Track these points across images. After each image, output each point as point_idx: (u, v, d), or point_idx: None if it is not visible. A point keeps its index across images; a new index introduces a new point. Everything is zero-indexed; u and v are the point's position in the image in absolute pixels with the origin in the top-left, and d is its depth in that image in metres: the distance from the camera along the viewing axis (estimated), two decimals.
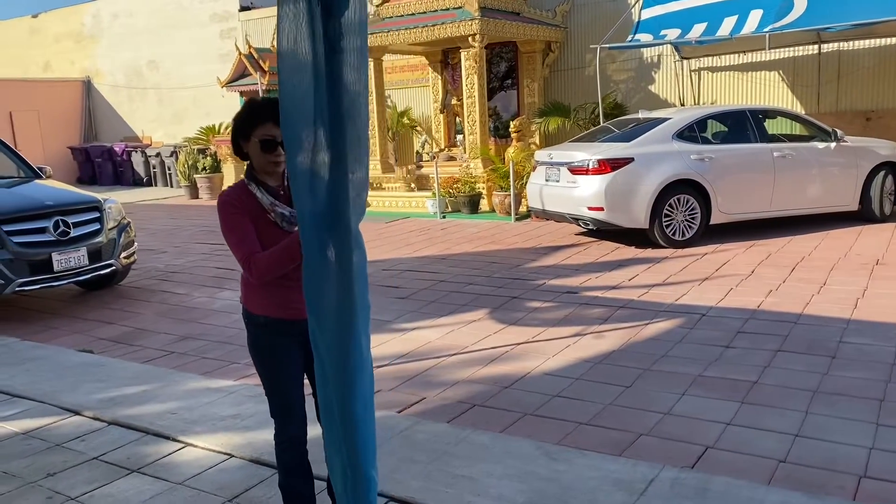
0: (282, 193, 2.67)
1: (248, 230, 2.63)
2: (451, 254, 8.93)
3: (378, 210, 12.97)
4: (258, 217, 2.66)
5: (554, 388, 4.61)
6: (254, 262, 2.58)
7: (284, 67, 2.26)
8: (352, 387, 2.42)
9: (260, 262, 2.57)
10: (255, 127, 2.64)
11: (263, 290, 2.73)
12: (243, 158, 2.72)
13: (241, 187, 2.70)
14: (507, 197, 11.35)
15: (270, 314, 2.72)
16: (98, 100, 21.91)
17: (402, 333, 5.90)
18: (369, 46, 12.98)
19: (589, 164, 8.48)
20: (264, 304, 2.74)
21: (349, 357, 2.41)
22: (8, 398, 4.86)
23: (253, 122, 2.64)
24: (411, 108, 15.61)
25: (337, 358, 2.41)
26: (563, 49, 13.88)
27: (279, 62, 2.28)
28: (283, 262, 2.56)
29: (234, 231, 2.64)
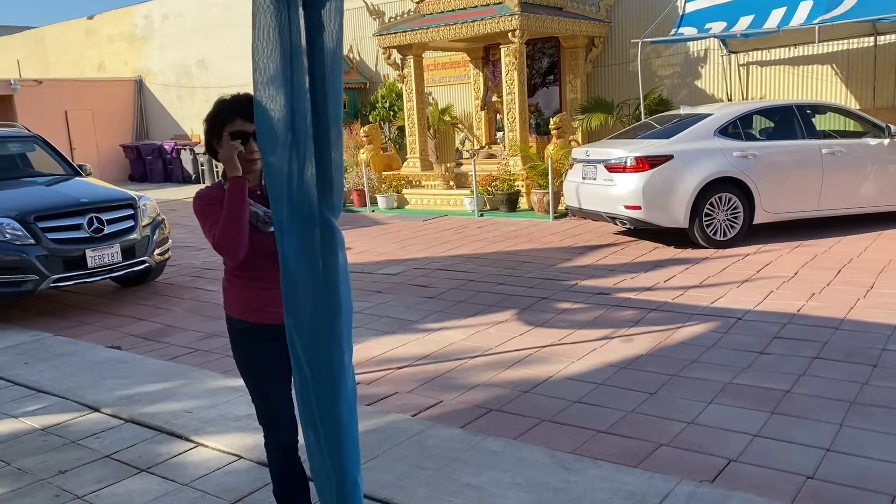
0: (258, 193, 2.60)
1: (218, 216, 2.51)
2: (484, 253, 8.80)
3: (416, 208, 12.92)
4: None
5: (575, 394, 4.45)
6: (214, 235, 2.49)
7: (259, 58, 2.19)
8: (335, 391, 2.34)
9: (219, 233, 2.47)
10: (224, 124, 2.56)
11: (242, 294, 2.66)
12: (217, 159, 2.65)
13: (218, 186, 2.63)
14: (545, 195, 11.16)
15: (250, 319, 2.66)
16: (149, 99, 22.39)
17: (427, 334, 5.81)
18: (409, 44, 12.99)
19: (626, 161, 8.26)
20: (244, 309, 2.67)
21: (331, 361, 2.33)
22: (34, 393, 4.93)
23: (222, 119, 2.57)
24: (452, 105, 15.51)
25: (318, 361, 2.33)
26: (607, 44, 13.61)
27: (253, 54, 2.21)
28: (230, 219, 2.45)
29: (206, 220, 2.55)
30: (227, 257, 2.57)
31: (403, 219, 12.00)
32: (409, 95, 13.49)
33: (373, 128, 13.93)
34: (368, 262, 8.63)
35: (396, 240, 10.00)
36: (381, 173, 13.58)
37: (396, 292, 7.13)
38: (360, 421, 4.16)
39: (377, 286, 7.42)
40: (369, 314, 6.43)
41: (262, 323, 2.65)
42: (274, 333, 2.55)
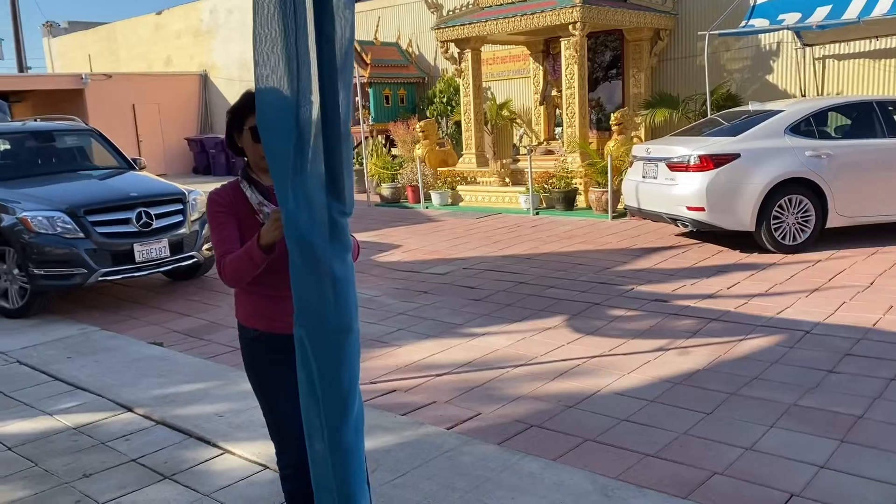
0: (274, 193, 2.43)
1: (230, 230, 2.47)
2: (537, 253, 8.51)
3: (470, 205, 12.68)
4: (246, 217, 2.47)
5: (623, 411, 4.16)
6: (224, 263, 2.42)
7: (260, 49, 2.00)
8: (344, 411, 2.15)
9: (227, 264, 2.41)
10: (246, 116, 2.42)
11: (254, 301, 2.52)
12: (237, 153, 2.51)
13: (234, 186, 2.52)
14: (603, 193, 10.78)
15: (261, 327, 2.51)
16: (213, 92, 22.74)
17: (470, 339, 5.58)
18: (467, 37, 12.76)
19: (689, 159, 7.84)
20: (255, 316, 2.52)
21: (341, 378, 2.14)
22: (72, 390, 4.90)
23: (245, 112, 2.44)
24: (511, 100, 15.20)
25: (328, 378, 2.14)
26: (673, 37, 13.08)
27: (254, 43, 2.01)
28: (245, 265, 2.37)
29: (216, 230, 2.49)
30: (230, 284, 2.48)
31: (457, 216, 11.77)
32: (466, 90, 13.25)
33: (428, 123, 13.75)
34: (417, 260, 8.45)
35: (448, 238, 9.79)
36: (437, 169, 13.39)
37: (443, 293, 6.92)
38: (393, 432, 3.99)
39: (424, 286, 7.22)
40: (413, 316, 6.23)
41: (272, 332, 2.50)
42: (283, 343, 2.38)
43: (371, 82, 15.76)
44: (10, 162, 7.88)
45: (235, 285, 2.49)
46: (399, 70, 16.39)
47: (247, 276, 2.39)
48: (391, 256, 8.75)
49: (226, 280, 2.45)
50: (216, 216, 2.51)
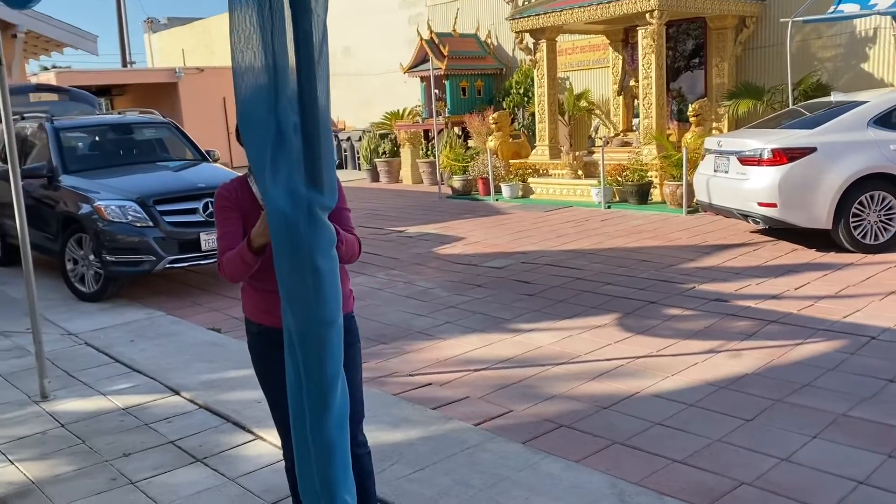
0: None
1: (232, 227, 2.52)
2: (601, 248, 8.33)
3: (541, 198, 12.53)
4: (252, 212, 2.51)
5: (659, 414, 4.02)
6: (222, 262, 2.49)
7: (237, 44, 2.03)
8: (325, 406, 2.16)
9: (223, 263, 2.48)
10: None
11: (258, 296, 2.57)
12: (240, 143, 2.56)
13: (241, 180, 2.58)
14: (678, 187, 10.44)
15: (264, 322, 2.56)
16: None
17: (515, 335, 5.52)
18: (542, 27, 12.60)
19: (762, 153, 7.48)
20: (258, 311, 2.58)
21: (322, 372, 2.16)
22: (128, 372, 5.15)
23: None
24: (590, 90, 14.90)
25: (309, 371, 2.16)
26: (760, 24, 12.49)
27: (231, 34, 2.05)
28: (238, 265, 2.44)
29: (219, 225, 2.56)
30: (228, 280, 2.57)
31: (525, 209, 11.66)
32: (541, 81, 13.08)
33: (502, 114, 13.65)
34: (476, 253, 8.42)
35: (512, 231, 9.71)
36: (509, 161, 13.29)
37: (496, 287, 6.88)
38: (420, 426, 4.00)
39: (479, 279, 7.20)
40: (462, 309, 6.22)
41: (276, 327, 2.54)
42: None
43: (448, 74, 15.76)
44: (92, 153, 8.32)
45: (234, 282, 2.55)
46: (476, 61, 16.33)
47: (242, 276, 2.46)
48: (452, 249, 8.76)
49: (224, 277, 2.51)
50: (221, 211, 2.57)
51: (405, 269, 7.87)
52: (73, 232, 7.16)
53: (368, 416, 4.12)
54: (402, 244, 9.20)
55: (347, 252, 2.52)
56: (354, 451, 2.77)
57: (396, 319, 6.05)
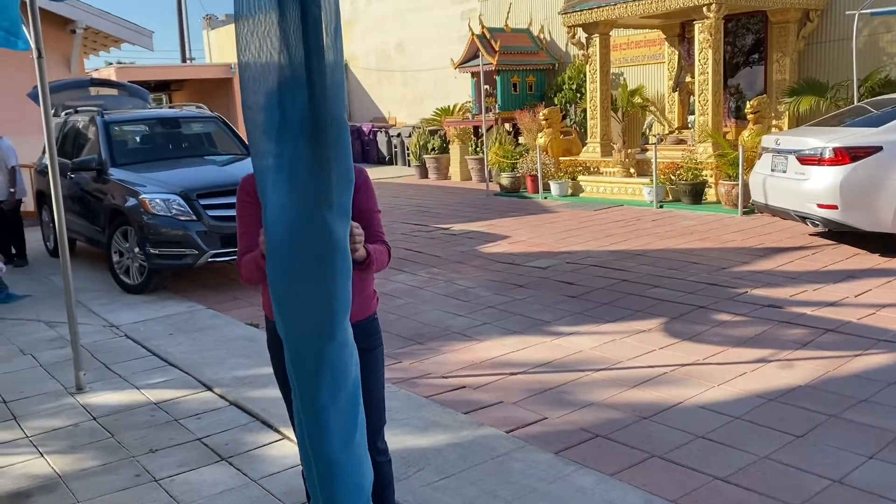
0: None
1: (251, 225, 2.43)
2: (650, 249, 8.06)
3: (591, 196, 12.26)
4: None
5: (702, 427, 3.81)
6: (240, 263, 2.40)
7: (243, 33, 1.92)
8: (320, 424, 2.05)
9: (241, 266, 2.42)
10: None
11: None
12: None
13: None
14: (734, 187, 10.07)
15: None
16: (353, 82, 23.38)
17: (555, 338, 5.34)
18: (595, 21, 12.33)
19: (823, 152, 7.12)
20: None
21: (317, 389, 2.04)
22: (164, 366, 5.15)
23: None
24: (644, 85, 14.53)
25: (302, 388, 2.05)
26: (824, 17, 11.97)
27: (236, 30, 1.94)
28: (253, 271, 2.36)
29: (239, 222, 2.51)
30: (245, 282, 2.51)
31: (574, 207, 11.41)
32: (593, 76, 12.80)
33: (552, 111, 13.41)
34: (521, 252, 8.24)
35: (559, 230, 9.49)
36: (558, 158, 13.04)
37: (539, 288, 6.69)
38: (450, 431, 3.87)
39: (521, 280, 7.02)
40: (502, 310, 6.06)
41: None
42: None
43: (498, 70, 15.58)
44: (141, 147, 8.43)
45: (252, 285, 2.50)
46: (528, 57, 16.10)
47: (258, 280, 2.38)
48: (496, 247, 8.59)
49: (242, 280, 2.43)
50: (242, 206, 2.50)
51: (447, 267, 7.74)
52: (119, 224, 7.24)
53: (398, 418, 4.04)
54: (446, 242, 9.08)
55: (376, 268, 2.42)
56: (374, 459, 2.65)
57: (434, 319, 5.93)
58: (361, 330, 2.53)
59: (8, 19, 4.68)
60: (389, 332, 5.62)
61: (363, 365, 2.59)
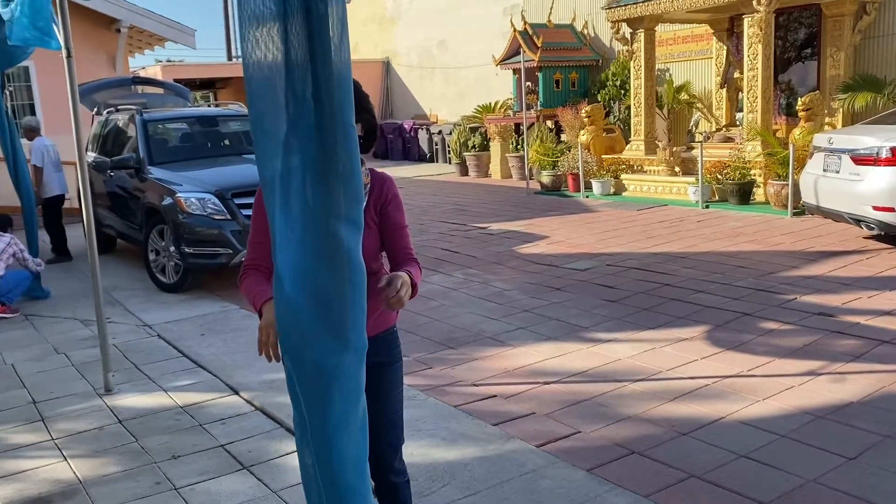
0: None
1: (261, 235, 2.29)
2: (694, 251, 7.79)
3: (634, 195, 11.96)
4: None
5: (745, 445, 3.59)
6: (241, 279, 2.26)
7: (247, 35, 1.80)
8: (330, 448, 1.91)
9: (241, 284, 2.33)
10: None
11: None
12: None
13: None
14: (783, 187, 9.69)
15: None
16: (395, 79, 23.36)
17: (592, 345, 5.15)
18: (640, 16, 12.03)
19: (879, 152, 6.78)
20: None
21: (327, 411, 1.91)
22: (193, 367, 5.10)
23: None
24: (690, 82, 14.14)
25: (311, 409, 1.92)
26: (883, 10, 11.46)
27: (239, 28, 1.82)
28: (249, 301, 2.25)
29: (252, 231, 2.40)
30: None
31: (616, 207, 11.14)
32: (637, 72, 12.48)
33: (595, 108, 13.13)
34: (559, 253, 8.04)
35: (600, 231, 9.25)
36: (601, 156, 12.76)
37: (576, 291, 6.50)
38: (478, 444, 3.72)
39: (558, 282, 6.83)
40: (538, 314, 5.89)
41: None
42: None
43: (540, 66, 15.33)
44: (179, 145, 8.45)
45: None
46: (571, 53, 15.82)
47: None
48: (534, 248, 8.41)
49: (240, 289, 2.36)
50: (256, 208, 2.38)
51: (483, 268, 7.58)
52: (156, 223, 7.26)
53: (425, 428, 3.91)
54: (483, 242, 8.92)
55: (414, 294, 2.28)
56: (390, 481, 2.53)
57: (467, 323, 5.79)
58: (381, 343, 2.41)
59: (42, 19, 4.68)
60: (421, 335, 5.52)
61: (381, 380, 2.46)
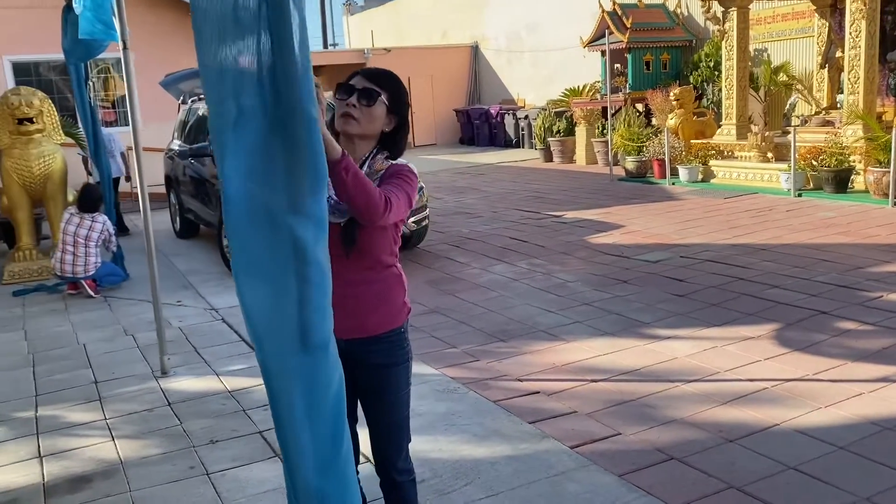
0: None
1: None
2: (778, 243, 7.34)
3: (723, 182, 11.40)
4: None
5: (796, 456, 3.34)
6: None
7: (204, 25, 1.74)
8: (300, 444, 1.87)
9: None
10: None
11: None
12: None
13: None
14: (884, 174, 9.00)
15: None
16: (483, 64, 23.19)
17: (650, 341, 4.92)
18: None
19: None
20: None
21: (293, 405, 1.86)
22: (249, 352, 5.19)
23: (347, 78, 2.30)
24: (790, 62, 13.34)
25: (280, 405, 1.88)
26: None
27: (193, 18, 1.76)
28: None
29: None
30: None
31: (702, 194, 10.65)
32: (729, 53, 11.86)
33: (684, 90, 12.58)
34: (632, 244, 7.75)
35: (680, 220, 8.86)
36: (690, 141, 12.23)
37: (643, 284, 6.24)
38: (510, 441, 3.62)
39: (626, 274, 6.58)
40: (598, 307, 5.69)
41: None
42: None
43: (630, 47, 14.84)
44: None
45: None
46: (663, 33, 15.22)
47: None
48: (607, 238, 8.14)
49: None
50: None
51: (549, 258, 7.40)
52: None
53: (459, 423, 3.84)
54: (555, 231, 8.71)
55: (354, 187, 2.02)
56: (394, 478, 2.48)
57: (523, 315, 5.65)
58: (382, 344, 2.34)
59: (105, 13, 4.85)
60: (474, 326, 5.44)
61: (382, 382, 2.39)
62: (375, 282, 2.29)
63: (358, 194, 2.03)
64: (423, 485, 3.25)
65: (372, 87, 2.26)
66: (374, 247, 2.26)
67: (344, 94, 2.27)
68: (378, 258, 2.30)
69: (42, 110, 7.66)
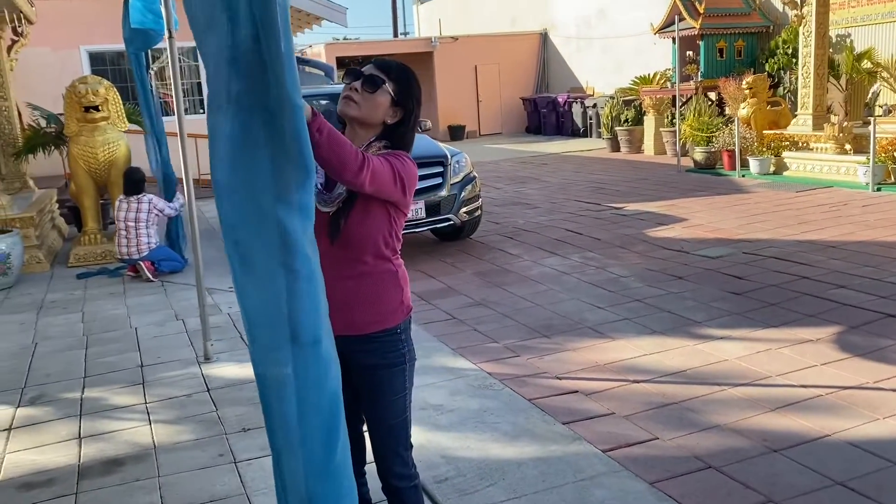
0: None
1: None
2: (849, 240, 6.93)
3: (796, 175, 10.87)
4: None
5: (844, 470, 3.11)
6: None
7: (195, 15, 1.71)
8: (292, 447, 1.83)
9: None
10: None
11: None
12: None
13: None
14: None
15: None
16: (552, 51, 22.83)
17: (700, 342, 4.70)
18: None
19: None
20: None
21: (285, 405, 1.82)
22: None
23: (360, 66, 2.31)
24: (875, 49, 12.61)
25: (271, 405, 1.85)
26: None
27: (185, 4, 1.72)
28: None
29: None
30: None
31: (773, 188, 10.18)
32: (806, 39, 11.28)
33: (758, 78, 12.04)
34: (693, 238, 7.46)
35: (746, 214, 8.49)
36: (762, 132, 11.71)
37: (700, 281, 5.98)
38: (540, 442, 3.51)
39: (683, 270, 6.33)
40: (649, 304, 5.48)
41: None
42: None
43: (702, 34, 14.32)
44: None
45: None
46: (738, 19, 14.63)
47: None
48: (667, 231, 7.86)
49: None
50: None
51: (604, 251, 7.20)
52: None
53: (489, 420, 3.74)
54: (613, 223, 8.47)
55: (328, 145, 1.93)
56: (393, 484, 2.40)
57: (570, 310, 5.50)
58: (374, 344, 2.26)
59: (154, 3, 4.92)
60: (518, 321, 5.32)
61: (375, 384, 2.30)
62: (364, 276, 2.21)
63: (332, 152, 1.94)
64: (446, 483, 3.18)
65: (378, 75, 2.21)
66: (364, 237, 2.17)
67: (350, 78, 2.24)
68: (367, 250, 2.20)
69: (107, 98, 7.89)
